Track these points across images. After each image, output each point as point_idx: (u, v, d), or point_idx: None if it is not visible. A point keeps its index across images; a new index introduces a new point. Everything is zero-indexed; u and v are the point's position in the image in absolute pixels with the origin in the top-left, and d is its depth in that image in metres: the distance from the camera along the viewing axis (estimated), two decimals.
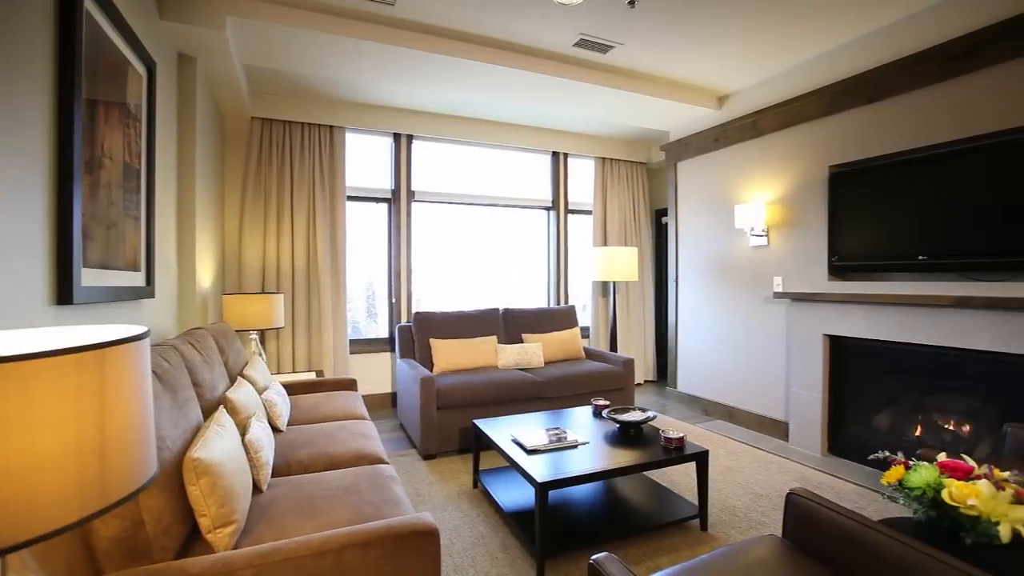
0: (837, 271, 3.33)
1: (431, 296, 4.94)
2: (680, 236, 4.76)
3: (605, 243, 5.40)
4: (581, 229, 5.59)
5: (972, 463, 1.40)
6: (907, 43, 3.00)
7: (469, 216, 5.06)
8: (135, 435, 0.76)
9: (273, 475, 1.98)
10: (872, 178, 3.09)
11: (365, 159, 4.58)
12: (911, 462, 1.48)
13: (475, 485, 2.86)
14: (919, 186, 2.86)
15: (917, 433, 3.03)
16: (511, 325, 4.36)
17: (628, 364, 4.02)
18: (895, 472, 1.47)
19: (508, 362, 3.95)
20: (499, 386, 3.51)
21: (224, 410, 1.70)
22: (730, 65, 3.69)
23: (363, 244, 4.64)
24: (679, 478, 2.97)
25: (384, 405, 4.55)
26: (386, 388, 4.57)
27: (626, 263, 4.43)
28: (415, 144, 4.70)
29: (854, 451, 3.23)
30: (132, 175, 2.02)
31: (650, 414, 2.62)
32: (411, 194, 4.65)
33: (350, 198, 4.46)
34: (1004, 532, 1.23)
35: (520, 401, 3.60)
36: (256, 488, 1.72)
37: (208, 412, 1.84)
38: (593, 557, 1.21)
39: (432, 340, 3.91)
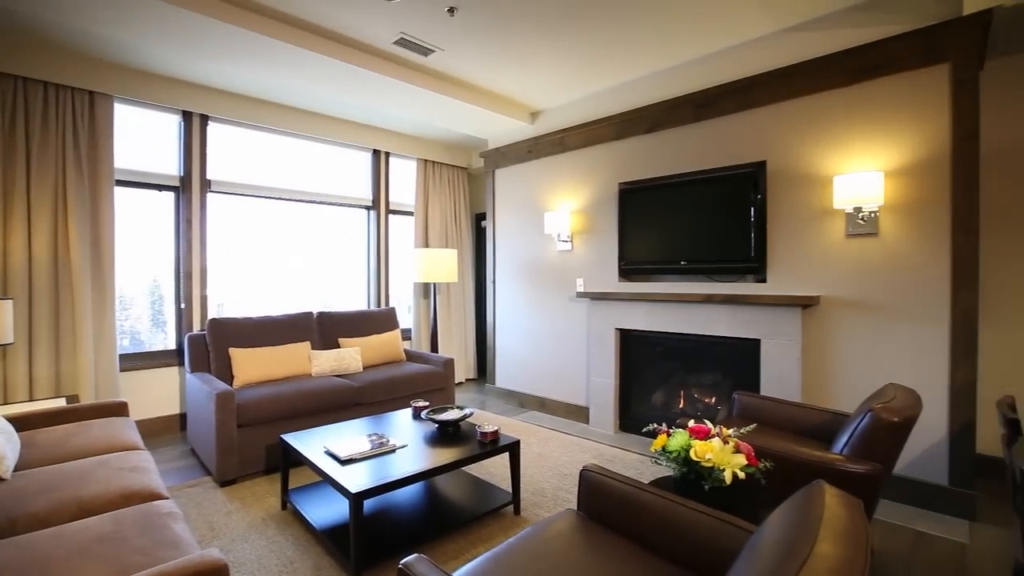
0: (625, 273, 3.90)
1: (237, 301, 4.36)
2: (497, 240, 5.04)
3: (427, 245, 5.43)
4: (403, 230, 5.52)
5: (710, 426, 1.76)
6: (671, 88, 3.66)
7: (282, 212, 4.60)
8: None
9: None
10: (650, 195, 3.69)
11: (144, 138, 3.82)
12: (671, 431, 1.80)
13: (284, 507, 2.60)
14: (680, 204, 3.51)
15: (681, 405, 3.72)
16: (327, 329, 4.09)
17: (448, 364, 4.11)
18: (660, 440, 1.78)
19: (323, 369, 3.70)
20: (312, 395, 3.26)
21: None
22: (541, 84, 4.04)
23: (146, 239, 3.87)
24: (496, 469, 3.14)
25: (169, 429, 3.86)
26: (173, 409, 3.88)
27: (447, 265, 4.52)
28: (213, 127, 4.09)
29: (638, 426, 3.81)
30: None
31: (467, 411, 2.72)
32: (206, 183, 4.03)
33: (122, 183, 3.68)
34: (728, 476, 1.59)
35: (337, 410, 3.40)
36: None
37: None
38: (402, 561, 1.20)
39: (232, 350, 3.45)
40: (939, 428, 2.61)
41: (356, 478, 2.06)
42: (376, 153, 5.18)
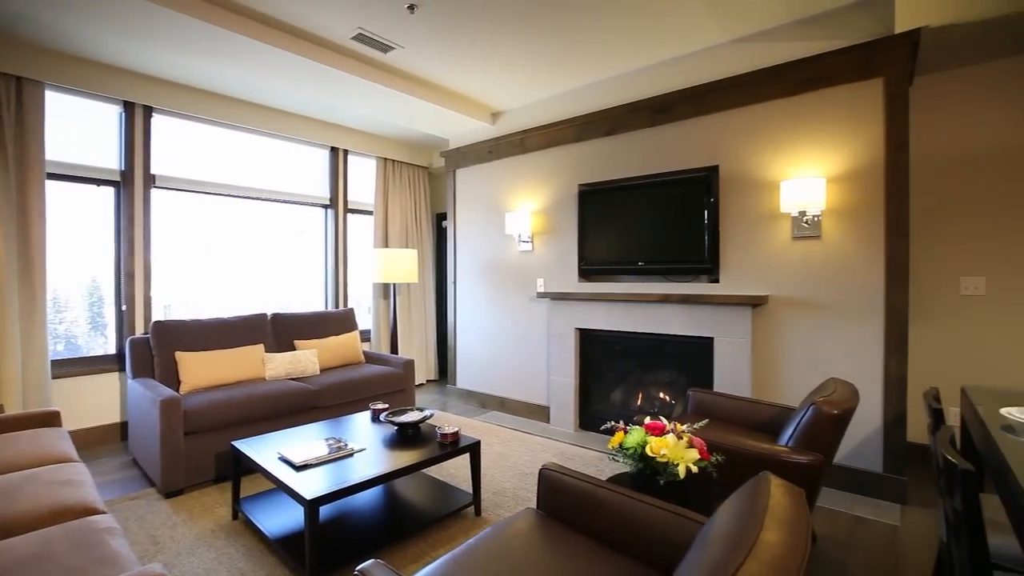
0: (584, 274, 3.96)
1: (186, 302, 4.15)
2: (458, 240, 5.01)
3: (386, 244, 5.35)
4: (362, 229, 5.41)
5: (665, 422, 1.82)
6: (630, 92, 3.74)
7: (236, 210, 4.42)
8: None
9: None
10: (609, 197, 3.76)
11: (81, 129, 3.58)
12: (628, 428, 1.84)
13: (235, 516, 2.50)
14: (638, 206, 3.59)
15: (639, 403, 3.80)
16: (282, 331, 3.96)
17: (408, 365, 4.05)
18: (617, 437, 1.82)
19: (278, 372, 3.58)
20: (266, 400, 3.15)
21: None
22: (502, 85, 4.04)
23: (84, 236, 3.63)
24: (457, 470, 3.12)
25: (109, 439, 3.64)
26: (113, 418, 3.66)
27: (407, 265, 4.46)
28: (158, 119, 3.88)
29: (598, 424, 3.87)
30: None
31: (427, 413, 2.69)
32: (150, 178, 3.82)
33: (55, 176, 3.44)
34: (681, 470, 1.64)
35: (293, 414, 3.30)
36: None
37: None
38: (359, 567, 1.18)
39: (179, 354, 3.28)
40: (874, 419, 2.78)
41: (312, 484, 2.00)
42: (334, 151, 5.06)
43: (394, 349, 4.64)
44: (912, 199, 3.28)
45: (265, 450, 2.38)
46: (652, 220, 3.52)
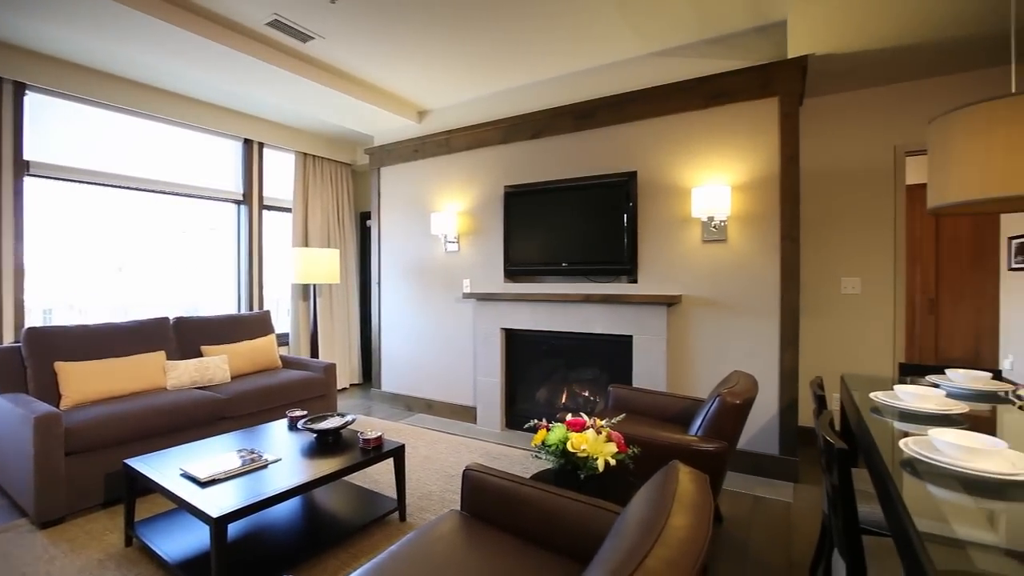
0: (510, 274, 4.00)
1: (72, 306, 3.71)
2: (383, 239, 4.89)
3: (306, 244, 5.09)
4: (280, 228, 5.12)
5: (585, 418, 1.88)
6: (554, 97, 3.84)
7: (136, 205, 4.00)
8: None
9: None
10: (534, 199, 3.83)
11: None
12: (550, 425, 1.89)
13: (129, 543, 2.27)
14: (562, 209, 3.69)
15: (564, 400, 3.91)
16: (186, 337, 3.65)
17: (330, 369, 3.89)
18: (540, 435, 1.86)
19: (182, 381, 3.29)
20: (168, 412, 2.88)
21: None
22: (429, 83, 3.99)
23: None
24: (381, 476, 3.04)
25: None
26: None
27: (328, 265, 4.28)
28: (33, 98, 3.43)
29: (524, 423, 3.92)
30: None
31: (349, 418, 2.60)
32: (22, 165, 3.37)
33: None
34: (600, 464, 1.70)
35: (200, 426, 3.04)
36: None
37: None
38: None
39: (59, 364, 2.92)
40: (772, 407, 3.05)
41: (219, 500, 1.86)
42: (248, 143, 4.73)
43: (314, 353, 4.43)
44: (802, 208, 3.65)
45: (165, 467, 2.18)
46: (576, 222, 3.63)
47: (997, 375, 2.25)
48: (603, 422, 1.86)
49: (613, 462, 1.74)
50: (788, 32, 2.73)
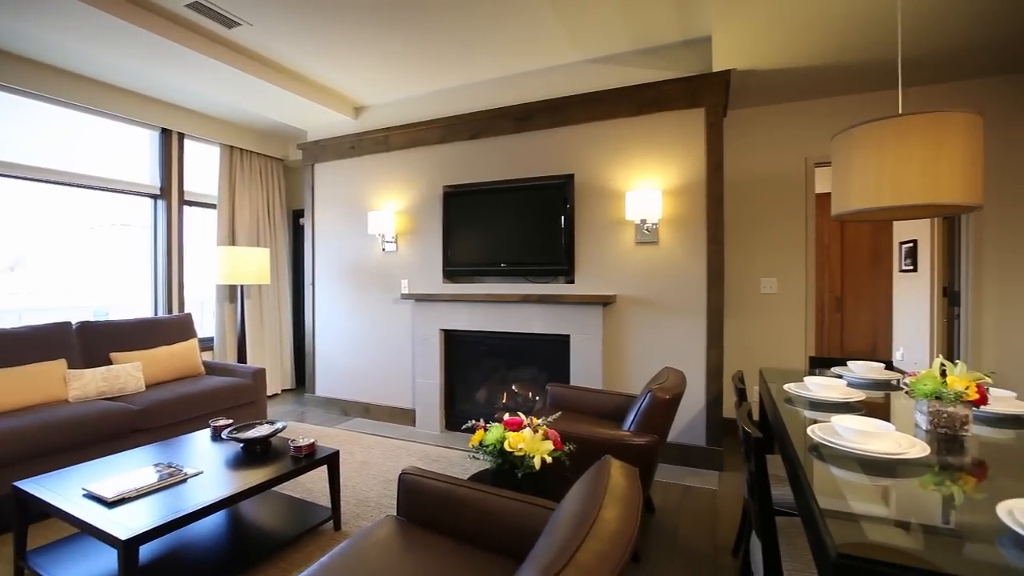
0: (449, 275, 3.98)
1: None
2: (317, 238, 4.70)
3: (233, 242, 4.80)
4: (203, 225, 4.79)
5: (523, 417, 1.90)
6: (493, 99, 3.86)
7: (35, 198, 3.59)
8: None
9: None
10: (473, 200, 3.82)
11: None
12: (488, 425, 1.89)
13: (19, 575, 2.04)
14: (501, 210, 3.72)
15: (504, 400, 3.93)
16: (92, 343, 3.33)
17: (259, 375, 3.69)
18: (478, 435, 1.86)
19: (87, 392, 3.00)
20: (68, 426, 2.62)
21: None
22: (366, 78, 3.88)
23: None
24: (315, 484, 2.92)
25: None
26: None
27: (257, 264, 4.06)
28: None
29: (464, 424, 3.90)
30: None
31: (279, 426, 2.48)
32: None
33: None
34: (537, 462, 1.73)
35: (108, 440, 2.79)
36: None
37: None
38: None
39: None
40: (699, 400, 3.23)
41: (129, 520, 1.71)
42: (166, 133, 4.39)
43: (242, 358, 4.19)
44: (726, 212, 3.88)
45: (65, 487, 1.98)
46: (514, 223, 3.67)
47: (889, 365, 2.50)
48: (540, 421, 1.89)
49: (550, 460, 1.77)
50: (713, 47, 2.89)
